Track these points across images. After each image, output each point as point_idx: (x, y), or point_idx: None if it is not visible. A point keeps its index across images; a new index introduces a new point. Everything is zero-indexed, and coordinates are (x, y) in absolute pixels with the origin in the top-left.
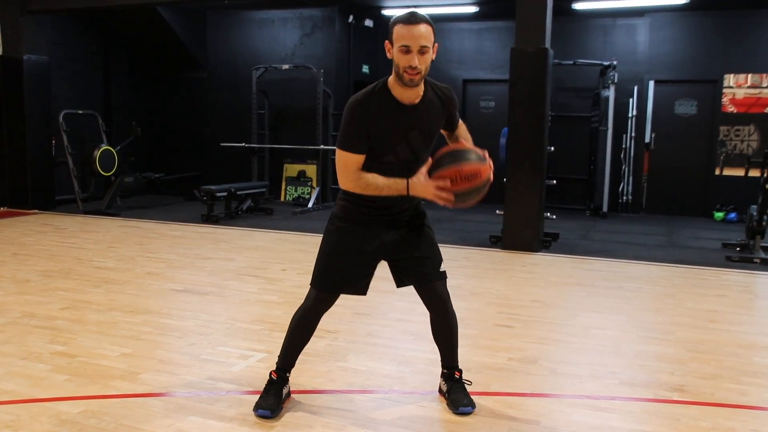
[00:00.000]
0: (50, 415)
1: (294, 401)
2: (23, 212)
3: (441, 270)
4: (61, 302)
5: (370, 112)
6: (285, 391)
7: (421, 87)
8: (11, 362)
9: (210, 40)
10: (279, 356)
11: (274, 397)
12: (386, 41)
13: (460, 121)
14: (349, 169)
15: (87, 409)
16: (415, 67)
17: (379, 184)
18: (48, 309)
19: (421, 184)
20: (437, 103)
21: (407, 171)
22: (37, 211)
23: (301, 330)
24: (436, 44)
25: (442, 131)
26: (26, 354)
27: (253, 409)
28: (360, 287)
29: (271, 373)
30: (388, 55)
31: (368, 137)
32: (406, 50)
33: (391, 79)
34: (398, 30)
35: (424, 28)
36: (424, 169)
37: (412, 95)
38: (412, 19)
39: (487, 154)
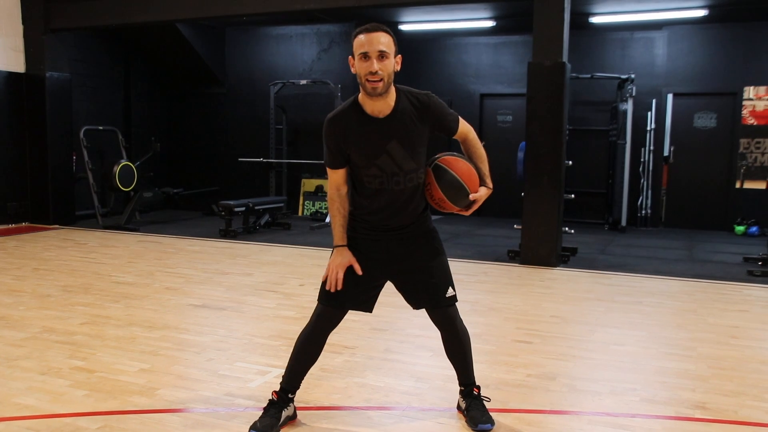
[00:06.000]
0: (69, 430)
1: (311, 418)
2: (44, 227)
3: (448, 296)
4: (80, 317)
5: (342, 128)
6: (286, 413)
7: (392, 97)
8: (31, 377)
9: (229, 56)
10: (283, 376)
11: (270, 418)
12: (350, 57)
13: (468, 128)
14: (330, 184)
15: (106, 424)
16: (375, 72)
17: (333, 218)
18: (68, 324)
19: (335, 257)
20: (413, 111)
21: (395, 183)
22: (57, 226)
23: (307, 348)
24: (400, 56)
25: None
26: (46, 369)
27: (249, 429)
28: (364, 304)
29: (272, 393)
30: (352, 70)
31: (343, 153)
32: (365, 57)
33: (362, 93)
34: (357, 40)
35: (382, 36)
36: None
37: (383, 106)
38: (370, 28)
39: (477, 198)
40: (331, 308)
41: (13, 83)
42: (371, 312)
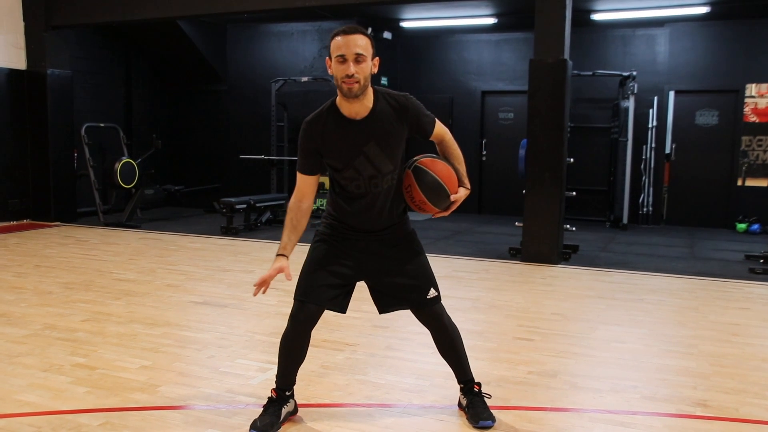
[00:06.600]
0: (71, 427)
1: (312, 415)
2: (45, 224)
3: (429, 297)
4: (82, 314)
5: (318, 131)
6: (286, 410)
7: (370, 98)
8: (33, 374)
9: (230, 53)
10: (276, 375)
11: (270, 417)
12: (327, 58)
13: (444, 130)
14: (296, 191)
15: (107, 421)
16: (352, 75)
17: (284, 227)
18: (69, 321)
19: (273, 263)
20: (391, 113)
21: (373, 186)
22: (59, 223)
23: (291, 349)
24: (378, 58)
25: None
26: (47, 366)
27: (250, 428)
28: (340, 304)
29: (271, 392)
30: (329, 71)
31: (317, 157)
32: (342, 60)
33: (339, 96)
34: (334, 42)
35: (360, 38)
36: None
37: (360, 108)
38: (348, 30)
39: (457, 199)
40: (309, 305)
41: (15, 80)
42: (345, 313)
